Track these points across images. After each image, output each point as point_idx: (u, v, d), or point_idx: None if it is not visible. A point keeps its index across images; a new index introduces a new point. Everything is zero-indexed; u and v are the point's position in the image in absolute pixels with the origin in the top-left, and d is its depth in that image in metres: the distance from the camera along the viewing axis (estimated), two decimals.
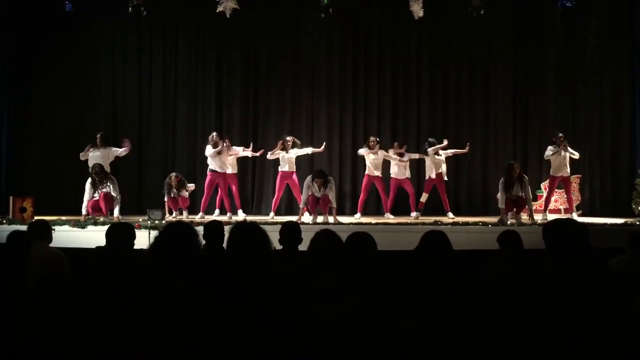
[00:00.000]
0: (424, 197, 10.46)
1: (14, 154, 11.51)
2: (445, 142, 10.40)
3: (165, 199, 10.12)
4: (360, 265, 3.34)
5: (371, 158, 10.30)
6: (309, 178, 9.48)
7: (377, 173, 10.36)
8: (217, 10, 10.13)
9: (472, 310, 2.15)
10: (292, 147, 10.27)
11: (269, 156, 10.38)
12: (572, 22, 11.60)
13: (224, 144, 10.15)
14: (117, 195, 9.34)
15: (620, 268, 4.14)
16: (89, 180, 9.34)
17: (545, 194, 11.04)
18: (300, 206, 9.62)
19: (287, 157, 10.18)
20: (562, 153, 9.94)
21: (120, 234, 4.64)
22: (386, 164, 10.64)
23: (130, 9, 10.23)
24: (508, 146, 11.89)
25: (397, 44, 11.98)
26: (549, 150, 10.06)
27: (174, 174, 10.24)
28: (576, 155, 10.10)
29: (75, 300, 1.26)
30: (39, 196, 10.02)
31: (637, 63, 11.53)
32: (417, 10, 10.07)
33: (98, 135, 9.99)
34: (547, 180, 11.21)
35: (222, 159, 10.13)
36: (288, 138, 10.36)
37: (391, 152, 10.53)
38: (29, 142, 11.69)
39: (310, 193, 9.36)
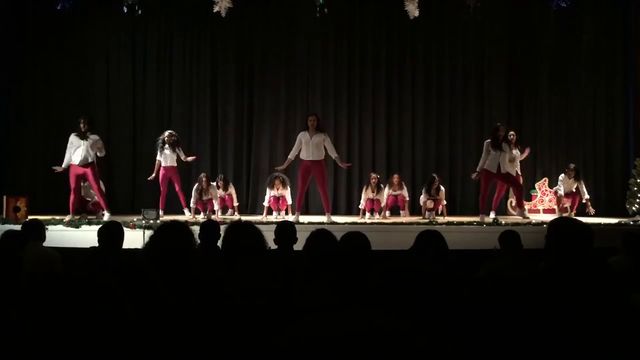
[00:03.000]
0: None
1: (8, 153, 11.46)
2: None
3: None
4: (353, 264, 3.34)
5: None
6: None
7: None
8: (214, 11, 10.10)
9: (466, 307, 2.16)
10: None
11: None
12: (566, 23, 11.62)
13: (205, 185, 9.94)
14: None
15: (615, 268, 4.15)
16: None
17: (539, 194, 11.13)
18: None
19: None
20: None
21: (110, 234, 4.66)
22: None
23: (125, 8, 10.19)
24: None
25: (392, 43, 11.98)
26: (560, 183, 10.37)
27: (167, 131, 10.14)
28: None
29: (69, 294, 1.26)
30: (33, 195, 9.98)
31: (630, 63, 11.57)
32: (412, 10, 10.07)
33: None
34: (541, 181, 11.30)
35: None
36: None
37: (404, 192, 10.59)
38: (22, 141, 11.63)
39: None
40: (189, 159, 10.22)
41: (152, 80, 11.97)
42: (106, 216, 9.17)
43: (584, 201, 10.33)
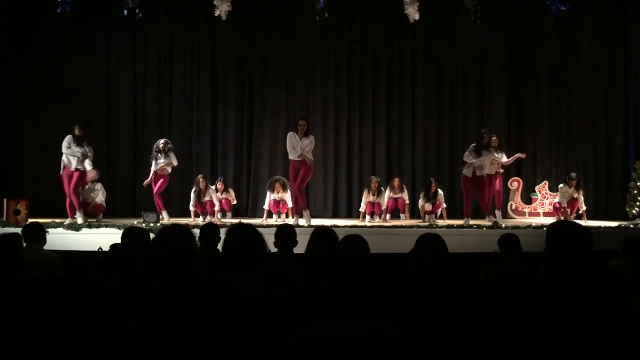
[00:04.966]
0: None
1: (8, 156, 11.46)
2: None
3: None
4: (353, 268, 3.34)
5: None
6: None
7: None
8: (215, 14, 10.10)
9: (467, 310, 2.16)
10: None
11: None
12: (566, 27, 11.63)
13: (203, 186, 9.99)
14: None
15: (615, 272, 4.15)
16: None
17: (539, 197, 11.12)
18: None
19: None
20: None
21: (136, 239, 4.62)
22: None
23: (125, 11, 10.19)
24: (502, 150, 11.90)
25: (392, 47, 11.99)
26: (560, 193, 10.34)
27: (162, 140, 10.18)
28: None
29: (69, 297, 1.27)
30: (33, 198, 9.99)
31: (630, 67, 11.58)
32: (413, 14, 10.06)
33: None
34: (542, 184, 11.31)
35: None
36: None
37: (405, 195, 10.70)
38: (22, 144, 11.64)
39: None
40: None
41: (152, 84, 11.98)
42: (79, 219, 9.11)
43: (580, 212, 10.31)
